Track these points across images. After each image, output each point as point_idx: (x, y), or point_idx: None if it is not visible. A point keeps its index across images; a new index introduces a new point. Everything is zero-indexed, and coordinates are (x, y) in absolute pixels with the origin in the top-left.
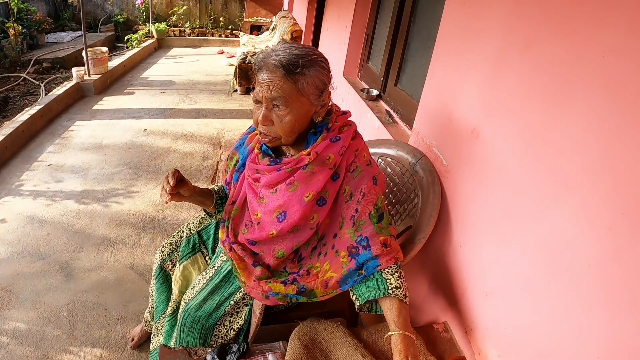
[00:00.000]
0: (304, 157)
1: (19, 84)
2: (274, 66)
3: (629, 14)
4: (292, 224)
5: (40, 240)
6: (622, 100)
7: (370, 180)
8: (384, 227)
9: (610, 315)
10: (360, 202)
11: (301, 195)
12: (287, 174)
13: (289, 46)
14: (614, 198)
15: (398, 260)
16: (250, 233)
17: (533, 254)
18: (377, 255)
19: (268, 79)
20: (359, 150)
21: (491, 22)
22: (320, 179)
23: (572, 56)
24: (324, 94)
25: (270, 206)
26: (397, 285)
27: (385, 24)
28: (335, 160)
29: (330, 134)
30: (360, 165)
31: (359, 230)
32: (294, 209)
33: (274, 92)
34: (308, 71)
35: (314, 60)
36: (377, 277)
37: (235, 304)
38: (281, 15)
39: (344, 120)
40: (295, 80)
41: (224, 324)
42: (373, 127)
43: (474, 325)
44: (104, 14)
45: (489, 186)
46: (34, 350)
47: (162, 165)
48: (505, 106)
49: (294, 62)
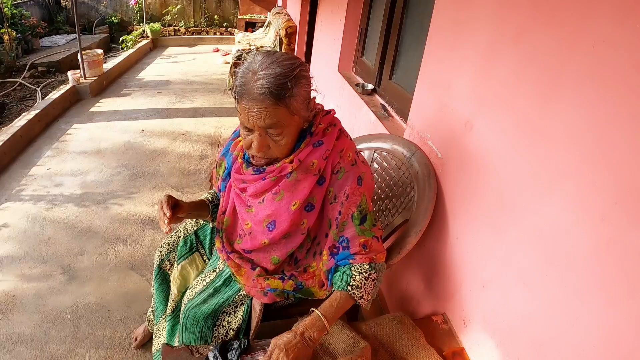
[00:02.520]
0: (286, 165)
1: (15, 89)
2: (261, 95)
3: (618, 4)
4: (282, 232)
5: (42, 244)
6: (614, 89)
7: (354, 182)
8: (366, 229)
9: (605, 303)
10: (344, 204)
11: (288, 204)
12: (272, 182)
13: (269, 64)
14: (607, 188)
15: (375, 261)
16: (244, 243)
17: (528, 244)
18: (354, 253)
19: (257, 108)
20: (344, 150)
21: (481, 14)
22: (305, 187)
23: (562, 46)
24: (311, 102)
25: (260, 216)
26: (358, 285)
27: (379, 18)
28: (320, 166)
29: (313, 138)
30: (345, 166)
31: (341, 231)
32: (282, 218)
33: (268, 120)
34: (296, 90)
35: (298, 74)
36: (345, 270)
37: (232, 304)
38: (275, 11)
39: (328, 120)
40: (286, 104)
41: (222, 324)
42: (368, 122)
43: (472, 316)
44: (97, 15)
45: (484, 177)
46: (39, 353)
47: (160, 166)
48: (498, 98)
49: (282, 85)
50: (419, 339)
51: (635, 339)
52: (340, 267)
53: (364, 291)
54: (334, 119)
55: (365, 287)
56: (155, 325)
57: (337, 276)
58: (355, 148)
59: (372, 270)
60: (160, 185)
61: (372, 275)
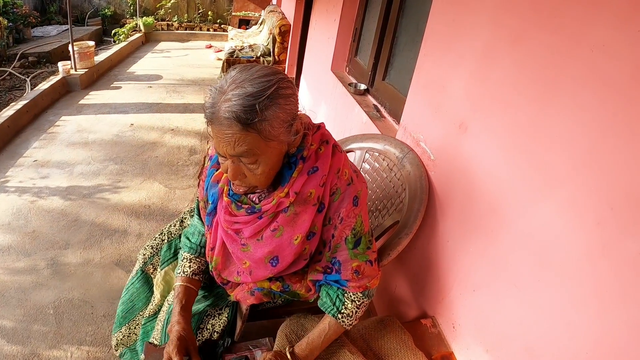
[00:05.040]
0: (283, 200)
1: (4, 79)
2: (227, 120)
3: (617, 10)
4: (287, 265)
5: (26, 237)
6: (610, 95)
7: (349, 203)
8: (359, 253)
9: (599, 309)
10: (337, 227)
11: (290, 239)
12: (269, 219)
13: (241, 81)
14: (602, 193)
15: (368, 288)
16: (244, 279)
17: (521, 248)
18: (346, 280)
19: (225, 135)
20: (341, 169)
21: (479, 17)
22: (306, 219)
23: (560, 51)
24: (295, 124)
25: (259, 254)
26: (349, 314)
27: (374, 18)
28: (318, 194)
29: (306, 164)
30: (341, 187)
31: (334, 253)
32: (285, 253)
33: (238, 148)
34: (269, 112)
35: (273, 93)
36: (339, 294)
37: (217, 307)
38: (270, 9)
39: (319, 138)
40: (257, 130)
41: (206, 327)
42: (360, 122)
43: (461, 320)
44: (91, 7)
45: (477, 180)
46: (21, 348)
47: (149, 161)
48: (493, 100)
49: (250, 109)
50: (408, 342)
51: (628, 345)
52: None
53: (354, 319)
54: (324, 135)
55: (356, 315)
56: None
57: (329, 297)
58: (349, 164)
59: (365, 298)
60: (148, 180)
61: (365, 303)
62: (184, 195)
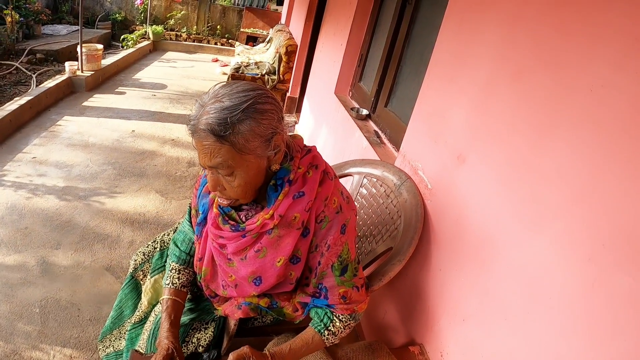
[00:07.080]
0: (267, 222)
1: (10, 73)
2: (204, 132)
3: (618, 50)
4: (270, 285)
5: (18, 233)
6: (610, 132)
7: (337, 231)
8: (346, 280)
9: (589, 343)
10: (324, 255)
11: (272, 261)
12: (252, 239)
13: (221, 96)
14: (594, 230)
15: (355, 312)
16: (230, 293)
17: (512, 280)
18: (334, 304)
19: (203, 146)
20: (329, 198)
21: (483, 51)
22: (289, 242)
23: (561, 87)
24: (273, 140)
25: (243, 272)
26: (335, 332)
27: (380, 46)
28: (303, 219)
29: (292, 187)
30: (329, 215)
31: (320, 279)
32: (268, 274)
33: (213, 160)
34: (242, 126)
35: (249, 107)
36: (327, 312)
37: (203, 321)
38: (278, 28)
39: (308, 161)
40: (230, 142)
41: (192, 341)
42: (360, 147)
43: (450, 349)
44: (102, 10)
45: (472, 211)
46: (3, 344)
47: (147, 168)
48: (492, 133)
49: (223, 122)
50: None
51: None
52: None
53: (337, 338)
54: (314, 159)
55: (340, 335)
56: (119, 328)
57: (319, 314)
58: (339, 187)
59: (351, 320)
60: (145, 188)
61: (351, 324)
62: (180, 207)
